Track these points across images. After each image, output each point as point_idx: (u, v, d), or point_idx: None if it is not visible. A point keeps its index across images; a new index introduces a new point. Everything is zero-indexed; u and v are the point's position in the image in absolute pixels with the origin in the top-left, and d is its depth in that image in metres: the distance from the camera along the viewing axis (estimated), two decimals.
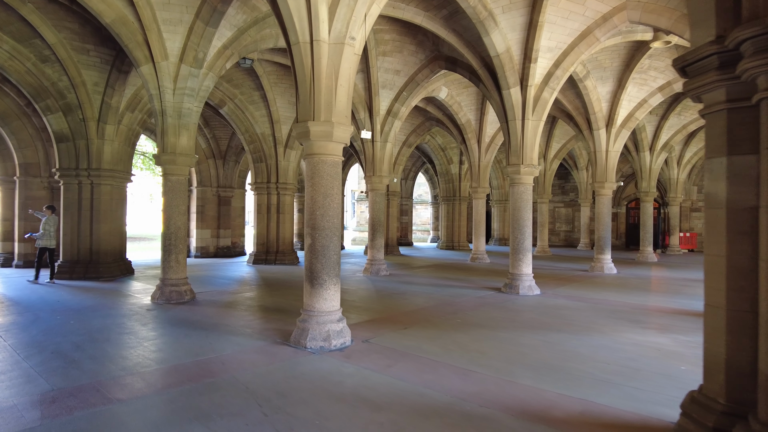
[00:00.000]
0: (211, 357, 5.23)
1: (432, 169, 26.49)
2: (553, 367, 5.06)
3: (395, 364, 5.07)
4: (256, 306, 8.28)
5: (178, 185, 8.65)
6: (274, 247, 15.42)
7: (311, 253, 5.87)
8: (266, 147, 14.95)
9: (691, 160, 22.13)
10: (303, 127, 5.77)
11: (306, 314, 5.83)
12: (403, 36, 11.23)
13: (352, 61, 5.83)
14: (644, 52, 11.67)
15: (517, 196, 10.26)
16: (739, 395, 3.08)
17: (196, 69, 8.49)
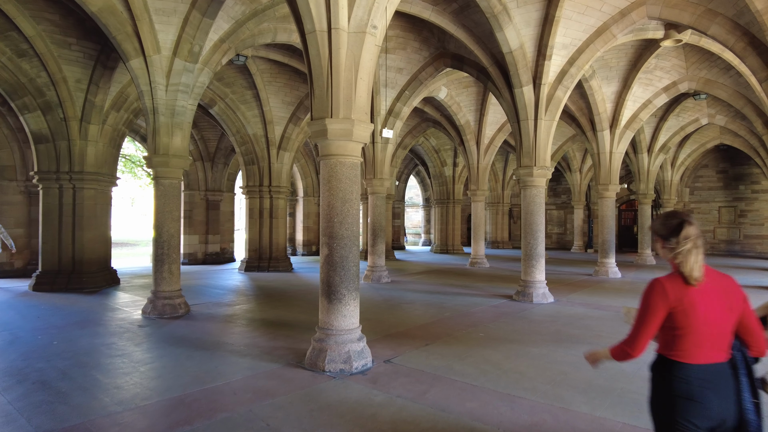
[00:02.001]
0: (220, 384, 4.61)
1: (424, 172, 26.03)
2: (603, 389, 4.57)
3: (429, 389, 4.53)
4: (258, 320, 7.65)
5: (171, 189, 7.98)
6: (267, 253, 14.74)
7: (328, 265, 5.30)
8: (258, 149, 14.28)
9: (685, 161, 22.06)
10: (319, 125, 5.20)
11: (323, 333, 5.25)
12: (407, 32, 10.72)
13: (373, 52, 5.28)
14: (653, 51, 11.36)
15: (530, 199, 9.80)
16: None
17: (191, 64, 7.84)
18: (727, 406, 2.05)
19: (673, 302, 2.07)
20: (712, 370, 2.06)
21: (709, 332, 2.06)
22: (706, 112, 16.54)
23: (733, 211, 23.20)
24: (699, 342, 2.05)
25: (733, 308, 2.12)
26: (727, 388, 2.07)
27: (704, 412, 2.02)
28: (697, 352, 2.06)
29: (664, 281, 2.12)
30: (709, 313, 2.07)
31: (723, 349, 2.10)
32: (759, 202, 22.41)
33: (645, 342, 2.16)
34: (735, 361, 2.12)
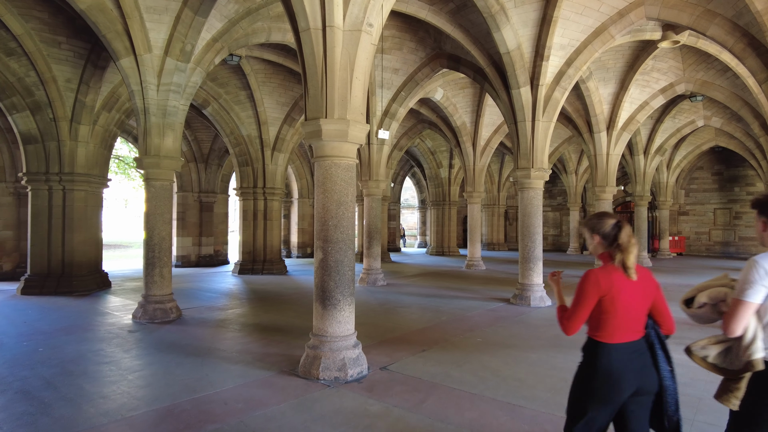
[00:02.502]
0: (210, 394, 4.45)
1: (420, 173, 25.92)
2: None
3: (427, 398, 4.39)
4: (251, 325, 7.49)
5: (162, 191, 7.81)
6: (261, 256, 14.56)
7: (323, 269, 5.16)
8: (252, 150, 14.11)
9: (680, 163, 22.09)
10: (313, 126, 5.06)
11: (317, 339, 5.10)
12: (402, 32, 10.60)
13: (369, 51, 5.15)
14: (650, 52, 11.29)
15: (527, 201, 9.70)
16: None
17: (183, 63, 7.68)
18: (643, 376, 2.39)
19: (604, 290, 2.37)
20: (629, 347, 2.40)
21: (629, 316, 2.40)
22: (702, 114, 16.53)
23: (728, 213, 23.23)
24: (620, 324, 2.39)
25: (648, 295, 2.46)
26: (643, 361, 2.41)
27: (620, 386, 2.35)
28: (618, 333, 2.39)
29: (597, 272, 2.41)
30: (631, 299, 2.39)
31: (639, 330, 2.45)
32: None
33: (579, 324, 2.44)
34: (650, 338, 2.47)
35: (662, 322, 2.53)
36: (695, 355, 2.43)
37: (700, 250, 23.91)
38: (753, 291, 2.18)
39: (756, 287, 2.17)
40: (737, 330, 2.22)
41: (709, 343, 2.38)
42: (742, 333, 2.22)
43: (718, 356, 2.37)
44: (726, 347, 2.36)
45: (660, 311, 2.52)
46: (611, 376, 2.35)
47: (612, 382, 2.35)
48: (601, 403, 2.37)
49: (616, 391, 2.35)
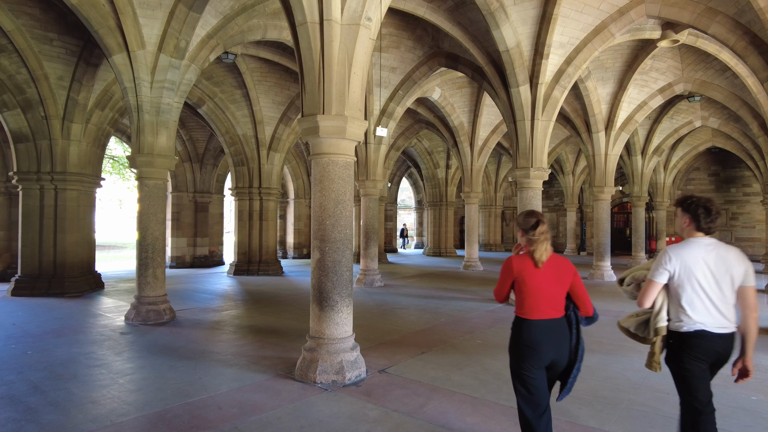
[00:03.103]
0: (204, 398, 4.31)
1: (417, 174, 25.81)
2: (609, 401, 4.34)
3: (427, 402, 4.26)
4: (246, 327, 7.34)
5: (155, 190, 7.66)
6: (256, 257, 14.40)
7: (320, 270, 5.02)
8: (248, 149, 13.96)
9: (677, 164, 22.04)
10: (311, 122, 4.93)
11: (314, 342, 4.97)
12: (400, 30, 10.49)
13: (367, 46, 5.03)
14: (649, 51, 11.21)
15: (526, 201, 9.59)
16: None
17: (177, 60, 7.54)
18: (558, 350, 2.85)
19: (515, 274, 2.89)
20: (547, 324, 2.84)
21: (542, 297, 2.84)
22: (699, 114, 16.48)
23: (724, 213, 23.21)
24: (535, 304, 2.85)
25: (563, 281, 2.89)
26: (562, 337, 2.87)
27: (538, 355, 2.82)
28: (535, 312, 2.85)
29: (513, 259, 2.94)
30: (540, 284, 2.84)
31: (557, 310, 2.87)
32: (750, 204, 22.45)
33: (502, 295, 3.01)
34: (570, 318, 2.90)
35: (579, 305, 2.95)
36: (622, 327, 3.10)
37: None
38: (658, 273, 2.81)
39: (661, 270, 2.80)
40: (646, 303, 2.87)
41: (631, 318, 3.03)
42: (651, 306, 2.88)
43: (637, 327, 3.01)
44: (643, 320, 2.97)
45: (577, 295, 2.95)
46: (531, 346, 2.83)
47: (532, 351, 2.83)
48: (528, 364, 2.84)
49: (536, 358, 2.83)
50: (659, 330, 2.84)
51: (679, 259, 2.76)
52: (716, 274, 2.75)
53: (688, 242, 2.83)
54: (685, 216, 2.85)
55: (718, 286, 2.75)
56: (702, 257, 2.75)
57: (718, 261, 2.76)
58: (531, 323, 2.84)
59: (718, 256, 2.77)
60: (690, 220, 2.83)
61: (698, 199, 2.83)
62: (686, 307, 2.75)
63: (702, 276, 2.74)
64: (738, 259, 2.79)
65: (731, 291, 2.77)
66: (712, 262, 2.75)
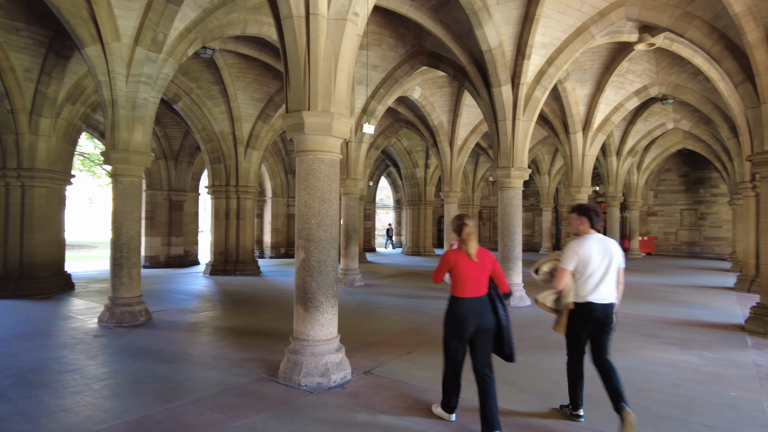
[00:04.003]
0: (185, 403, 4.15)
1: (396, 173, 25.79)
2: (599, 400, 4.33)
3: (416, 404, 4.20)
4: (226, 328, 7.15)
5: (131, 188, 7.40)
6: (233, 257, 14.12)
7: (305, 270, 4.90)
8: (225, 147, 13.67)
9: (650, 165, 22.58)
10: (295, 119, 4.80)
11: (298, 343, 4.85)
12: (382, 28, 10.40)
13: (354, 41, 4.93)
14: (626, 54, 11.40)
15: (507, 201, 9.64)
16: None
17: (154, 53, 7.29)
18: (483, 320, 3.64)
19: (451, 264, 3.72)
20: (474, 300, 3.66)
21: (470, 281, 3.67)
22: (672, 116, 16.90)
23: (693, 213, 23.90)
24: (465, 286, 3.67)
25: (486, 268, 3.74)
26: (485, 310, 3.66)
27: (465, 325, 3.62)
28: (464, 291, 3.67)
29: (449, 252, 3.77)
30: (470, 271, 3.68)
31: (481, 289, 3.70)
32: (717, 205, 23.15)
33: (439, 279, 3.80)
34: (492, 295, 3.73)
35: (499, 285, 3.81)
36: (540, 303, 4.05)
37: (668, 250, 24.53)
38: (569, 262, 3.81)
39: (568, 259, 3.81)
40: (560, 286, 3.86)
41: (547, 295, 4.00)
42: (563, 287, 3.86)
43: (553, 302, 3.99)
44: (557, 297, 3.95)
45: (497, 278, 3.81)
46: (459, 318, 3.64)
47: (460, 322, 3.63)
48: (455, 336, 3.68)
49: (463, 328, 3.63)
50: (568, 304, 3.85)
51: (582, 251, 3.77)
52: (603, 260, 3.77)
53: (585, 238, 3.83)
54: (581, 218, 3.88)
55: (605, 268, 3.76)
56: (594, 248, 3.78)
57: (604, 251, 3.79)
58: (461, 300, 3.66)
59: (605, 247, 3.80)
60: (586, 221, 3.86)
61: (591, 206, 3.89)
62: (584, 284, 3.78)
63: (595, 262, 3.76)
64: (616, 248, 3.86)
65: (613, 271, 3.79)
66: (601, 252, 3.78)
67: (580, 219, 3.89)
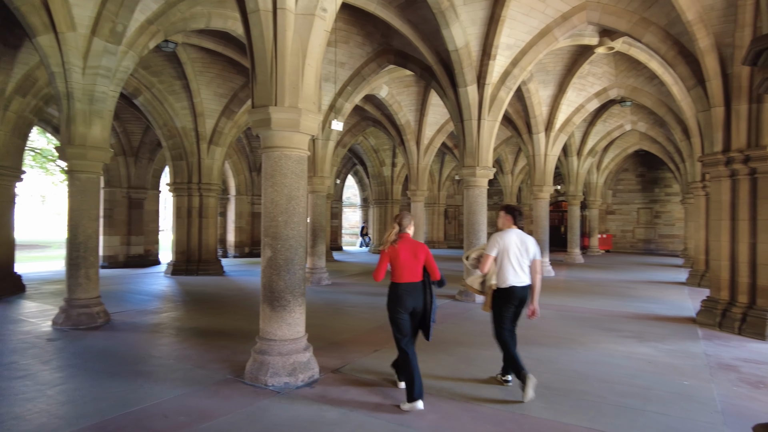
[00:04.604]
0: (147, 406, 4.02)
1: (363, 171, 25.75)
2: (561, 392, 4.47)
3: (385, 401, 4.21)
4: (189, 329, 6.97)
5: (88, 185, 7.11)
6: (196, 256, 13.76)
7: (271, 269, 4.83)
8: (187, 143, 13.30)
9: (609, 165, 23.34)
10: (262, 114, 4.73)
11: (264, 343, 4.77)
12: (349, 26, 10.35)
13: (322, 37, 4.89)
14: (587, 57, 11.76)
15: (472, 199, 9.77)
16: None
17: (114, 45, 7.02)
18: (417, 302, 4.24)
19: (391, 257, 4.25)
20: (410, 286, 4.23)
21: (406, 269, 4.22)
22: (629, 118, 17.52)
23: (649, 212, 24.87)
24: (402, 273, 4.22)
25: (420, 259, 4.26)
26: (418, 294, 4.24)
27: (403, 305, 4.21)
28: (402, 277, 4.23)
29: (391, 246, 4.28)
30: (406, 261, 4.21)
31: (416, 276, 4.25)
32: (671, 204, 24.17)
33: (381, 274, 4.29)
34: (425, 282, 4.30)
35: (431, 272, 4.33)
36: (468, 285, 4.83)
37: (625, 247, 25.44)
38: (490, 249, 4.57)
39: (492, 248, 4.56)
40: (485, 269, 4.57)
41: (474, 279, 4.73)
42: (488, 271, 4.58)
43: (479, 285, 4.75)
44: (482, 280, 4.70)
45: (429, 267, 4.32)
46: (399, 299, 4.22)
47: (399, 302, 4.22)
48: (398, 314, 4.22)
49: (402, 308, 4.21)
50: (492, 286, 4.59)
51: (502, 241, 4.54)
52: (521, 251, 4.53)
53: (507, 231, 4.61)
54: (507, 216, 4.69)
55: (520, 257, 4.53)
56: (513, 241, 4.54)
57: (521, 243, 4.55)
58: (399, 284, 4.24)
59: (522, 240, 4.58)
60: (510, 219, 4.67)
61: (516, 207, 4.77)
62: (504, 270, 4.50)
63: (513, 252, 4.51)
64: (532, 241, 4.64)
65: (528, 261, 4.57)
66: (519, 243, 4.54)
67: (506, 216, 4.70)
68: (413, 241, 4.29)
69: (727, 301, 7.38)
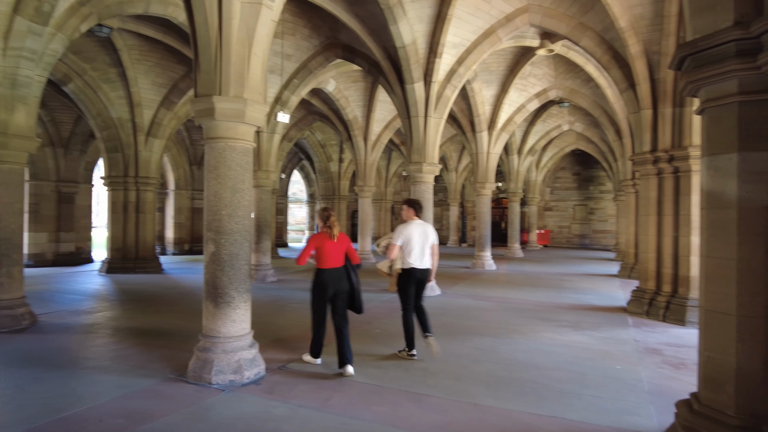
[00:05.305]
0: (81, 411, 3.80)
1: (309, 166, 25.44)
2: (504, 380, 4.64)
3: (333, 395, 4.20)
4: (127, 329, 6.63)
5: (11, 177, 6.60)
6: (132, 253, 13.09)
7: (215, 264, 4.69)
8: (124, 134, 12.62)
9: (547, 164, 24.38)
10: (205, 103, 4.57)
11: (208, 341, 4.63)
12: (297, 17, 10.18)
13: (269, 27, 4.78)
14: (529, 58, 12.20)
15: (420, 195, 9.92)
16: (750, 406, 2.86)
17: (39, 26, 6.53)
18: (341, 285, 4.83)
19: (317, 244, 4.84)
20: (333, 270, 4.82)
21: (331, 256, 4.82)
22: (567, 119, 18.36)
23: (584, 208, 26.21)
24: (327, 260, 4.81)
25: (342, 247, 4.91)
26: (341, 277, 4.85)
27: (328, 288, 4.79)
28: (326, 264, 4.81)
29: (316, 235, 4.93)
30: (331, 248, 4.82)
31: (339, 262, 4.86)
32: (604, 201, 25.59)
33: (304, 259, 4.90)
34: (347, 266, 4.92)
35: (351, 258, 4.97)
36: (379, 269, 5.49)
37: (561, 242, 26.68)
38: (396, 239, 5.30)
39: (397, 237, 5.30)
40: (392, 255, 5.30)
41: (384, 264, 5.41)
42: (394, 257, 5.31)
43: (388, 269, 5.40)
44: (390, 264, 5.37)
45: (350, 253, 4.97)
46: (322, 284, 4.78)
47: (323, 287, 4.78)
48: (321, 298, 4.82)
49: (325, 292, 4.79)
50: (397, 270, 5.35)
51: (407, 231, 5.33)
52: (421, 238, 5.35)
53: (410, 222, 5.41)
54: (410, 209, 5.47)
55: (422, 244, 5.34)
56: (415, 230, 5.36)
57: (423, 232, 5.39)
58: (325, 270, 4.78)
59: (423, 230, 5.42)
60: (412, 211, 5.46)
61: (417, 201, 5.60)
62: (408, 255, 5.30)
63: (416, 240, 5.31)
64: (431, 230, 5.53)
65: (428, 246, 5.41)
66: (420, 232, 5.38)
67: (409, 210, 5.49)
68: (342, 235, 4.97)
69: (654, 290, 7.92)
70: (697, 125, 7.21)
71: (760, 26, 2.66)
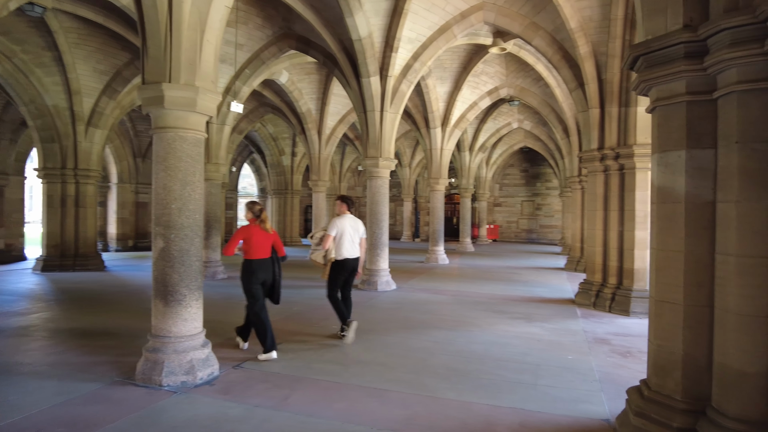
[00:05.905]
0: (16, 420, 3.51)
1: (260, 160, 24.84)
2: (461, 373, 4.70)
3: (291, 393, 4.10)
4: (66, 331, 6.22)
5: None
6: (71, 250, 12.33)
7: (164, 261, 4.46)
8: (60, 124, 11.83)
9: (497, 161, 24.98)
10: (154, 91, 4.33)
11: (158, 341, 4.41)
12: (249, 6, 9.86)
13: (223, 13, 4.60)
14: (482, 56, 12.41)
15: (375, 189, 9.89)
16: (695, 390, 3.02)
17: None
18: (267, 275, 5.14)
19: (246, 235, 5.07)
20: (261, 261, 5.09)
21: (260, 247, 5.08)
22: (516, 117, 18.85)
23: (532, 204, 27.08)
24: (256, 250, 5.06)
25: (270, 239, 5.20)
26: (268, 267, 5.15)
27: (257, 278, 5.06)
28: (255, 254, 5.05)
29: (245, 227, 5.17)
30: (259, 240, 5.08)
31: (267, 253, 5.14)
32: (551, 197, 26.51)
33: (232, 249, 5.08)
34: (273, 257, 5.22)
35: (278, 250, 5.32)
36: (313, 260, 5.89)
37: (510, 236, 27.46)
38: (331, 230, 5.80)
39: (332, 229, 5.80)
40: (326, 246, 5.77)
41: (318, 255, 5.84)
42: (328, 247, 5.77)
43: (322, 258, 5.84)
44: (324, 254, 5.81)
45: (277, 245, 5.30)
46: (253, 273, 5.04)
47: (253, 277, 5.04)
48: (253, 284, 5.05)
49: (255, 281, 5.05)
50: (331, 259, 5.81)
51: (341, 224, 5.83)
52: (352, 231, 5.90)
53: (343, 216, 5.92)
54: (343, 204, 6.01)
55: (353, 236, 5.90)
56: (347, 223, 5.88)
57: (353, 225, 5.94)
58: (253, 261, 5.05)
59: (354, 224, 5.98)
60: (345, 206, 5.99)
61: (349, 197, 6.12)
62: (341, 246, 5.79)
63: (347, 232, 5.83)
64: (362, 224, 6.11)
65: (358, 239, 5.98)
66: (352, 225, 5.92)
67: (342, 205, 6.02)
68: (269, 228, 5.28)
69: (600, 283, 8.27)
70: (642, 124, 7.56)
71: (707, 30, 2.78)
